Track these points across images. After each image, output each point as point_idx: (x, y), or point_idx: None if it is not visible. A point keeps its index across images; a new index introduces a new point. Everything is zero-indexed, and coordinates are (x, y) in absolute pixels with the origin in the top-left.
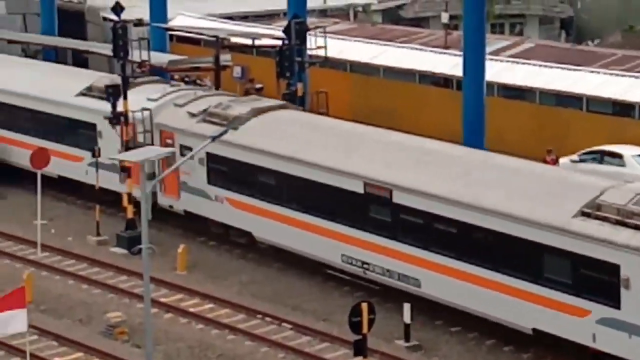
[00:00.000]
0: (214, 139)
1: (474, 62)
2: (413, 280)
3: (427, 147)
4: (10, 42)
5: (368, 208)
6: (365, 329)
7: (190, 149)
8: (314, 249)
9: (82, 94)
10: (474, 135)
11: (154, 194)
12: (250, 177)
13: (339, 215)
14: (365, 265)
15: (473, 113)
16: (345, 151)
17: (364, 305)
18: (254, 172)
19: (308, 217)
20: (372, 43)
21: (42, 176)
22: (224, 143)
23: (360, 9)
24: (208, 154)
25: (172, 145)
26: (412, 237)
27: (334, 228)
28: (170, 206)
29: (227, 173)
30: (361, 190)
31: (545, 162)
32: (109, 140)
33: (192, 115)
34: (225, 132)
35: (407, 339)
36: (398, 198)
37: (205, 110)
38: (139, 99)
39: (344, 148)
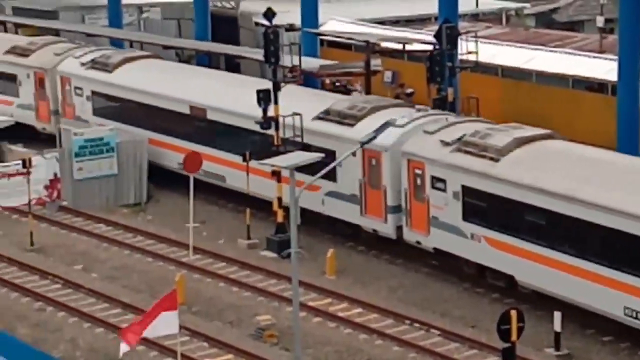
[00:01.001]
0: (362, 144)
1: (630, 66)
2: None
3: None
4: (165, 47)
5: None
6: (514, 337)
7: (442, 180)
8: (589, 298)
9: (318, 117)
10: (628, 141)
11: (399, 228)
12: (514, 215)
13: (623, 263)
14: None
15: (628, 119)
16: (631, 190)
17: (513, 313)
18: (519, 210)
19: (583, 263)
20: (524, 47)
21: (194, 179)
22: (483, 176)
23: (513, 12)
24: (464, 187)
25: (421, 177)
26: None
27: (615, 277)
28: (418, 242)
29: (487, 209)
30: None
31: None
32: (349, 169)
33: (445, 144)
34: (374, 137)
35: (557, 348)
36: None
37: (460, 139)
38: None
39: (628, 186)
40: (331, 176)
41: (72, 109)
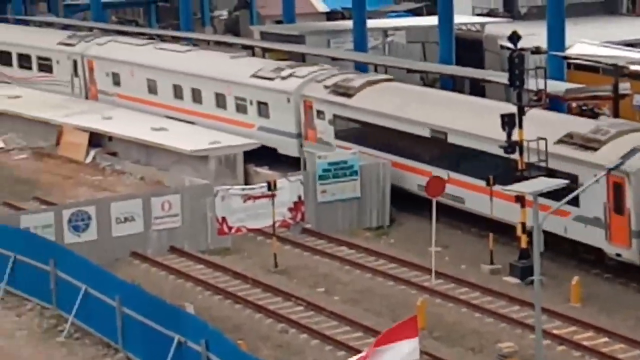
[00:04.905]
0: (609, 170)
1: None
2: None
3: None
4: (409, 71)
5: None
6: None
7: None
8: None
9: (561, 141)
10: None
11: None
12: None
13: None
14: None
15: None
16: None
17: None
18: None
19: None
20: None
21: (437, 203)
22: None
23: None
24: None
25: None
26: None
27: None
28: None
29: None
30: None
31: None
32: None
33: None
34: (621, 163)
35: None
36: None
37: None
38: None
39: None
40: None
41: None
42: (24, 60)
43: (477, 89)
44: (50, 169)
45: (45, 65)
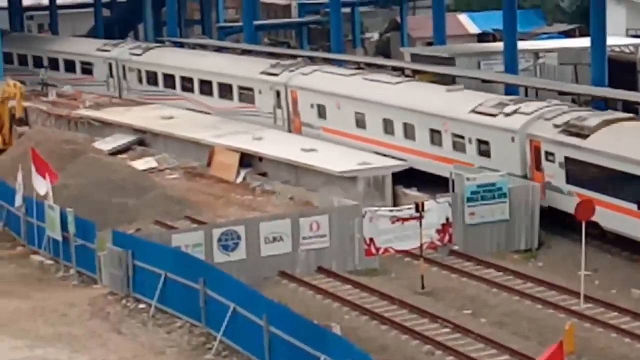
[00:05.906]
0: None
1: None
2: None
3: None
4: (560, 93)
5: None
6: None
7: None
8: None
9: None
10: None
11: None
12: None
13: None
14: None
15: None
16: None
17: None
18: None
19: None
20: None
21: (587, 226)
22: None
23: None
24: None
25: None
26: None
27: None
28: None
29: None
30: None
31: None
32: None
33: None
34: None
35: None
36: None
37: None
38: None
39: None
40: None
41: None
42: (225, 90)
43: (630, 111)
44: (201, 188)
45: (247, 96)
